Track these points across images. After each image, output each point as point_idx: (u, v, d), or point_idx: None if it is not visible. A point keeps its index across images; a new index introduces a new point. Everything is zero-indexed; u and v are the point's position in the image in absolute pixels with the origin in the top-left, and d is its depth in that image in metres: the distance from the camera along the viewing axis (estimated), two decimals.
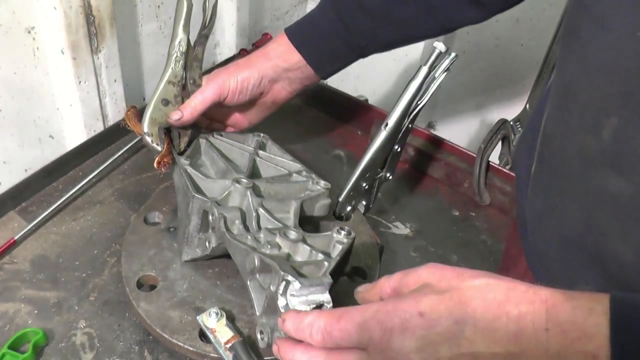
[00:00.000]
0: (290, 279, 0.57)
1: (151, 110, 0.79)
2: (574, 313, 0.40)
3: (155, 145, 0.78)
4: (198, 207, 0.72)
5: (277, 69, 0.84)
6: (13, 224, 0.85)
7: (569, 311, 0.40)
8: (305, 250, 0.66)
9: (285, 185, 0.79)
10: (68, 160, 0.95)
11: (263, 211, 0.72)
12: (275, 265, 0.59)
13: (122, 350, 0.70)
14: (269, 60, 0.84)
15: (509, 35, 1.42)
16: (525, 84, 1.37)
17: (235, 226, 0.70)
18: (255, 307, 0.65)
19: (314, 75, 0.86)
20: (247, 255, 0.64)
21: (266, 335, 0.61)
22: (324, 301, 0.57)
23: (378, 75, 1.59)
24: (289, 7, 1.49)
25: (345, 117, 1.18)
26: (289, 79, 0.86)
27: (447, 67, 0.76)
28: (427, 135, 1.07)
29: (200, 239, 0.73)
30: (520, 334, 0.40)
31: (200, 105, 0.80)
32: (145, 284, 0.75)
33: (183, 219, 0.75)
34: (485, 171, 1.00)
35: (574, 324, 0.39)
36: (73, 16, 0.88)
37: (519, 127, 1.17)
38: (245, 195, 0.73)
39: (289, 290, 0.57)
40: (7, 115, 0.89)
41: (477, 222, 0.99)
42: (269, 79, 0.84)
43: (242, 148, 0.85)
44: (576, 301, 0.40)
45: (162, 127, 0.79)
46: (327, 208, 0.80)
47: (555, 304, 0.40)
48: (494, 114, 1.53)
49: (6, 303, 0.74)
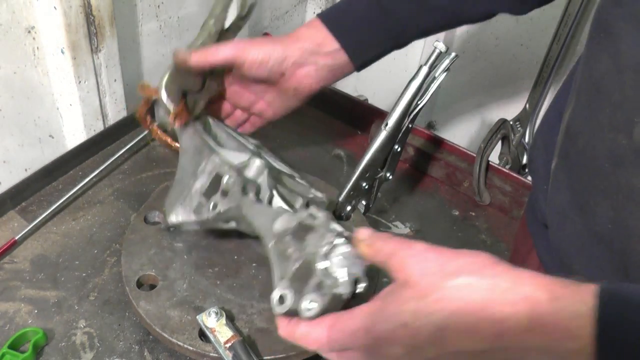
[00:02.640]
0: (339, 242, 0.54)
1: (173, 68, 0.76)
2: (557, 316, 0.39)
3: (169, 102, 0.75)
4: (212, 168, 0.69)
5: (304, 52, 0.78)
6: (13, 224, 0.85)
7: (551, 313, 0.39)
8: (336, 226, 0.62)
9: (293, 182, 0.78)
10: (68, 160, 0.95)
11: (277, 193, 0.70)
12: (323, 227, 0.56)
13: (122, 350, 0.70)
14: (297, 41, 0.78)
15: (509, 35, 1.42)
16: (525, 84, 1.37)
17: (250, 196, 0.68)
18: (275, 272, 0.59)
19: (347, 63, 0.80)
20: (278, 216, 0.61)
21: (290, 299, 0.54)
22: (361, 277, 0.54)
23: (378, 75, 1.59)
24: (289, 7, 1.49)
25: (345, 117, 1.18)
26: (317, 65, 0.79)
27: (447, 67, 0.76)
28: (427, 135, 1.07)
29: (201, 202, 0.70)
30: (503, 334, 0.41)
31: (212, 56, 0.75)
32: (145, 284, 0.75)
33: (183, 180, 0.72)
34: (485, 171, 1.00)
35: (557, 325, 0.39)
36: (73, 16, 0.88)
37: (519, 127, 1.17)
38: (262, 173, 0.71)
39: (334, 253, 0.54)
40: (7, 115, 0.89)
41: (477, 221, 0.99)
42: (294, 60, 0.77)
43: (244, 142, 0.83)
44: (560, 302, 0.40)
45: (181, 88, 0.76)
46: None
47: (539, 304, 0.40)
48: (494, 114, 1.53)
49: (6, 303, 0.74)
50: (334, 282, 0.53)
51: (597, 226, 0.56)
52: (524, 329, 0.40)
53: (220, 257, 0.78)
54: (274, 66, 0.77)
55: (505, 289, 0.41)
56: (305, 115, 1.20)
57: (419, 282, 0.45)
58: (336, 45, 0.78)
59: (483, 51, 1.47)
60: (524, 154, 1.23)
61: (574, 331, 0.39)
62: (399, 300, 0.46)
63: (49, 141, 0.99)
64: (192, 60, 0.74)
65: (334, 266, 0.53)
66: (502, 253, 0.93)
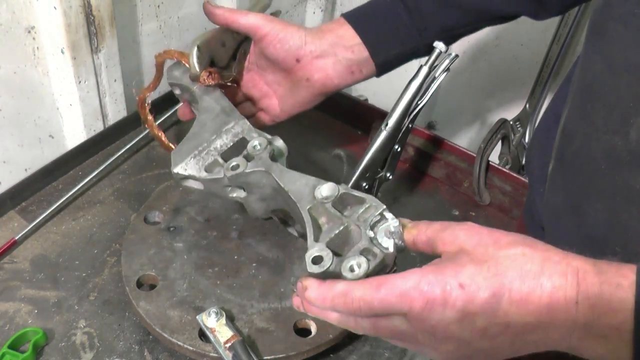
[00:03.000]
0: (388, 216, 0.55)
1: (210, 35, 0.76)
2: (602, 288, 0.42)
3: (197, 64, 0.74)
4: (240, 130, 0.68)
5: (324, 42, 0.77)
6: (13, 224, 0.85)
7: (597, 286, 0.42)
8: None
9: None
10: (68, 160, 0.95)
11: None
12: (373, 198, 0.57)
13: (122, 350, 0.70)
14: (319, 32, 0.78)
15: (509, 35, 1.41)
16: (525, 84, 1.37)
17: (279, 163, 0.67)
18: (310, 234, 0.58)
19: (367, 60, 0.78)
20: (319, 184, 0.61)
21: (329, 260, 0.53)
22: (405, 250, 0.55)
23: None
24: (288, 7, 1.49)
25: (345, 117, 1.18)
26: (335, 58, 0.77)
27: (447, 67, 0.76)
28: (427, 135, 1.07)
29: (216, 161, 0.69)
30: (553, 307, 0.43)
31: (238, 18, 0.75)
32: (145, 284, 0.75)
33: (202, 133, 0.70)
34: (485, 171, 1.00)
35: (601, 299, 0.42)
36: (73, 16, 0.88)
37: (519, 127, 1.17)
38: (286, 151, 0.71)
39: (382, 225, 0.55)
40: (7, 115, 0.89)
41: (477, 222, 0.98)
42: (312, 48, 0.77)
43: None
44: (605, 275, 0.42)
45: (210, 55, 0.76)
46: None
47: (586, 277, 0.43)
48: (494, 114, 1.53)
49: (6, 302, 0.74)
50: (381, 250, 0.53)
51: (592, 228, 0.57)
52: (572, 300, 0.42)
53: (220, 257, 0.78)
54: (292, 48, 0.76)
55: (556, 261, 0.44)
56: (305, 115, 1.20)
57: (475, 250, 0.46)
58: (357, 39, 0.77)
59: (483, 51, 1.47)
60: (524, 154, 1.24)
61: (616, 304, 0.41)
62: (456, 263, 0.46)
63: (49, 141, 0.99)
64: (218, 12, 0.74)
65: (383, 236, 0.54)
66: None
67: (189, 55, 0.75)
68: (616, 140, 0.51)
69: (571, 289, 0.42)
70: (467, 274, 0.45)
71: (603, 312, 0.42)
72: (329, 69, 0.78)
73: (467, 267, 0.45)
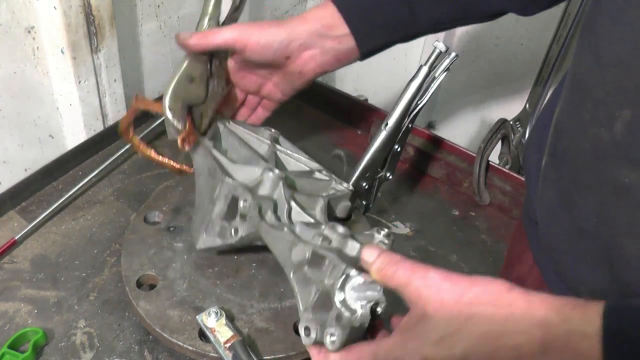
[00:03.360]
0: (352, 274, 0.55)
1: (175, 84, 0.72)
2: (568, 338, 0.43)
3: (176, 122, 0.72)
4: (227, 192, 0.69)
5: (312, 34, 0.76)
6: (13, 224, 0.85)
7: (563, 336, 0.43)
8: (354, 246, 0.62)
9: (311, 181, 0.77)
10: (68, 160, 0.95)
11: (295, 204, 0.69)
12: (336, 258, 0.57)
13: (121, 350, 0.70)
14: (305, 23, 0.76)
15: (509, 35, 1.41)
16: (525, 84, 1.37)
17: (268, 216, 0.67)
18: (299, 302, 0.60)
19: (353, 49, 0.77)
20: (294, 247, 0.61)
21: (314, 332, 0.56)
22: (379, 299, 0.56)
23: (378, 75, 1.59)
24: (288, 7, 1.49)
25: (345, 117, 1.18)
26: (322, 48, 0.77)
27: (447, 67, 0.76)
28: (427, 135, 1.07)
29: (223, 227, 0.70)
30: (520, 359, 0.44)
31: (213, 38, 0.72)
32: (145, 284, 0.75)
33: (204, 204, 0.72)
34: (485, 171, 1.00)
35: (568, 347, 0.42)
36: (73, 16, 0.88)
37: (519, 127, 1.17)
38: (278, 186, 0.70)
39: (349, 285, 0.55)
40: (7, 115, 0.89)
41: (477, 221, 0.99)
42: (300, 42, 0.76)
43: (259, 139, 0.81)
44: (570, 323, 0.43)
45: (185, 104, 0.73)
46: (347, 210, 0.78)
47: (551, 330, 0.43)
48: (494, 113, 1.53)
49: (6, 302, 0.74)
50: (352, 313, 0.55)
51: (583, 221, 0.57)
52: (539, 352, 0.43)
53: (220, 257, 0.77)
54: (278, 49, 0.75)
55: (519, 318, 0.44)
56: (305, 115, 1.20)
57: (436, 316, 0.47)
58: (345, 29, 0.76)
59: (483, 51, 1.47)
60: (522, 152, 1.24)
61: (584, 351, 0.42)
62: (419, 335, 0.48)
63: (49, 141, 0.99)
64: (192, 41, 0.72)
65: (350, 298, 0.55)
66: (502, 253, 0.93)
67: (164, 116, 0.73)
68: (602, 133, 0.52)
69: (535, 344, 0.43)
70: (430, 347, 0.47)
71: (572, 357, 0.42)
72: (317, 59, 0.78)
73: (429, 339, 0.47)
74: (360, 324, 0.55)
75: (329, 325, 0.55)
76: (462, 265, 0.90)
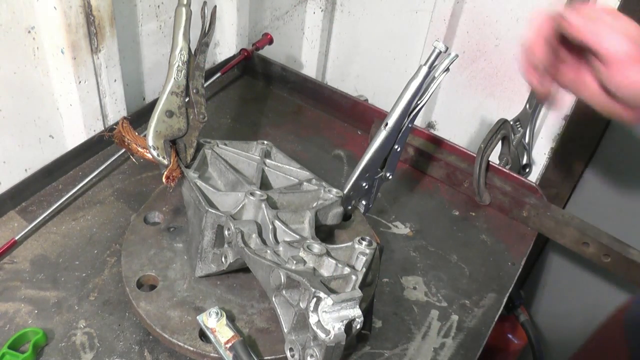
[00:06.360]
0: (322, 296, 0.57)
1: (155, 122, 0.75)
2: None
3: (161, 159, 0.75)
4: (212, 222, 0.70)
5: None
6: (13, 224, 0.85)
7: None
8: (330, 263, 0.64)
9: (298, 195, 0.78)
10: (68, 160, 0.95)
11: (279, 223, 0.70)
12: (305, 282, 0.58)
13: (122, 350, 0.70)
14: None
15: (509, 35, 1.41)
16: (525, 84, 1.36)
17: (252, 240, 0.69)
18: (282, 324, 0.63)
19: None
20: (271, 272, 0.63)
21: (297, 353, 0.60)
22: (356, 316, 0.57)
23: (378, 75, 1.59)
24: (289, 7, 1.49)
25: (345, 117, 1.18)
26: None
27: (447, 66, 0.76)
28: (427, 135, 1.08)
29: (215, 254, 0.72)
30: None
31: None
32: (145, 284, 0.75)
33: (195, 233, 0.73)
34: (485, 171, 1.00)
35: None
36: (73, 16, 0.88)
37: (519, 127, 1.17)
38: (260, 208, 0.72)
39: (320, 307, 0.57)
40: (7, 115, 0.89)
41: (477, 222, 0.99)
42: None
43: (248, 157, 0.83)
44: None
45: (167, 139, 0.76)
46: (340, 216, 0.79)
47: None
48: (494, 114, 1.53)
49: (6, 303, 0.74)
50: (326, 334, 0.56)
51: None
52: None
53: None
54: None
55: None
56: (305, 115, 1.21)
57: None
58: None
59: (483, 51, 1.47)
60: (524, 154, 1.23)
61: None
62: None
63: (49, 141, 0.99)
64: None
65: (323, 320, 0.57)
66: (502, 253, 0.93)
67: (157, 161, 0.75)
68: None
69: None
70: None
71: None
72: None
73: None
74: (335, 343, 0.56)
75: (308, 346, 0.58)
76: (462, 266, 0.90)
